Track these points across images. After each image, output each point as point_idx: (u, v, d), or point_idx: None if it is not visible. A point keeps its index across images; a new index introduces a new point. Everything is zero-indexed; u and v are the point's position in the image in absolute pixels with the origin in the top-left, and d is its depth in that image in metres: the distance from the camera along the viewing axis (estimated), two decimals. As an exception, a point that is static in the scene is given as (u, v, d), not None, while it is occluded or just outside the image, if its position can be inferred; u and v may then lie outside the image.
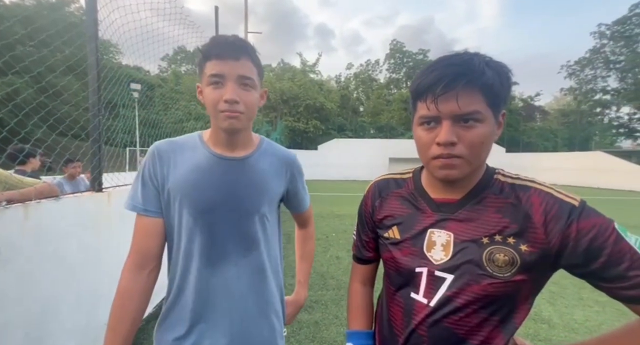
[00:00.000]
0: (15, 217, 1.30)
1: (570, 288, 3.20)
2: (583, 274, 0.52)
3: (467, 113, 0.53)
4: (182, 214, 0.76)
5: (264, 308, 0.84)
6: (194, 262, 0.77)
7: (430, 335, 0.60)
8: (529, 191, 0.57)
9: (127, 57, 2.48)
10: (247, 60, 0.73)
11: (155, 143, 0.80)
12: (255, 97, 0.77)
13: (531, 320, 2.55)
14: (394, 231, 0.67)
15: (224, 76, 0.71)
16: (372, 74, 40.22)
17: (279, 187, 0.87)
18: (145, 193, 0.76)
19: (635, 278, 0.47)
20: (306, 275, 1.07)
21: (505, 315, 0.57)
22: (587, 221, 0.51)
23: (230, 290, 0.79)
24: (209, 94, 0.73)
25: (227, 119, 0.73)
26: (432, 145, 0.56)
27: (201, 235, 0.76)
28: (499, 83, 0.54)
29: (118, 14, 2.03)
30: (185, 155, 0.79)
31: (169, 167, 0.77)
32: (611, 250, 0.49)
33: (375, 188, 0.75)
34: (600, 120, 32.22)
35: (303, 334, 2.27)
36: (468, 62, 0.53)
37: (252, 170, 0.82)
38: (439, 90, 0.53)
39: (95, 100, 1.75)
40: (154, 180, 0.77)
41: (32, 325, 1.37)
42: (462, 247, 0.58)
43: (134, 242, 0.77)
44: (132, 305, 0.75)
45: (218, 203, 0.77)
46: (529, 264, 0.53)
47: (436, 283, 0.60)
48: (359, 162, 21.37)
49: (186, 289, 0.78)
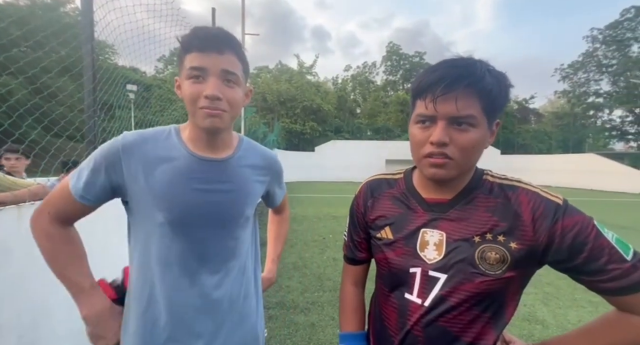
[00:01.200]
0: (9, 219, 1.29)
1: (565, 289, 3.23)
2: (566, 269, 0.55)
3: (462, 116, 0.54)
4: (156, 218, 0.69)
5: (247, 313, 0.82)
6: (169, 271, 0.70)
7: (425, 335, 0.61)
8: (517, 191, 0.59)
9: (123, 58, 2.47)
10: (232, 55, 0.67)
11: (124, 133, 0.72)
12: (240, 94, 0.71)
13: (525, 320, 2.57)
14: (387, 231, 0.68)
15: (205, 70, 0.65)
16: (369, 76, 40.41)
17: (260, 188, 0.85)
18: (91, 180, 0.68)
19: (612, 271, 0.51)
20: (279, 253, 1.09)
21: (496, 311, 0.59)
22: (570, 219, 0.54)
23: (210, 301, 0.73)
24: (187, 88, 0.66)
25: (208, 117, 0.66)
26: (426, 143, 0.58)
27: (178, 242, 0.70)
28: (497, 90, 0.55)
29: (114, 15, 2.02)
30: (159, 152, 0.71)
31: (138, 164, 0.68)
32: (592, 245, 0.52)
33: (367, 188, 0.75)
34: (594, 123, 32.67)
35: (299, 336, 2.26)
36: (470, 65, 0.54)
37: (234, 172, 0.76)
38: (439, 91, 0.54)
39: (90, 101, 1.75)
40: (112, 173, 0.68)
41: (26, 329, 1.35)
42: (455, 246, 0.59)
43: (54, 206, 0.70)
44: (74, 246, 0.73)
45: (199, 208, 0.71)
46: (518, 261, 0.56)
47: (430, 283, 0.61)
48: (355, 163, 21.41)
49: (158, 301, 0.71)
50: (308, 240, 4.97)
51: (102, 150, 0.69)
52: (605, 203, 11.84)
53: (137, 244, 0.73)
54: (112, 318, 0.73)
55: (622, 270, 0.50)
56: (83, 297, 0.70)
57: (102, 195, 0.70)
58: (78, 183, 0.68)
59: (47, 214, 0.69)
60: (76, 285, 0.70)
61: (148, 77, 20.67)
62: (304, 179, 19.56)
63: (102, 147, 0.70)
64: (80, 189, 0.68)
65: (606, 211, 9.35)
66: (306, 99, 28.07)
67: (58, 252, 0.70)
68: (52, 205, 0.70)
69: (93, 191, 0.69)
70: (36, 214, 0.70)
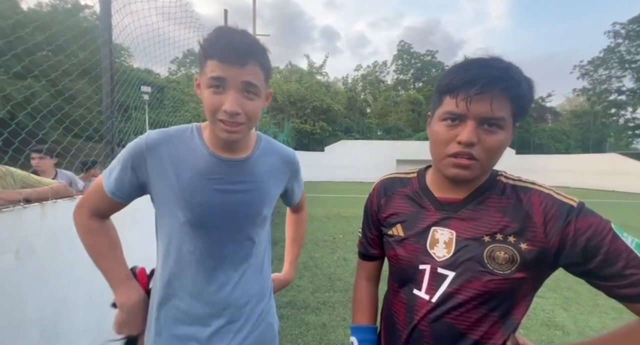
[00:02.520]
0: (33, 216, 1.34)
1: (586, 294, 3.11)
2: (581, 273, 0.54)
3: (495, 118, 0.54)
4: (177, 216, 0.71)
5: (265, 311, 0.83)
6: (188, 268, 0.73)
7: (431, 331, 0.61)
8: (530, 192, 0.59)
9: (138, 60, 2.53)
10: (254, 65, 0.66)
11: (148, 132, 0.74)
12: (259, 104, 0.70)
13: (544, 325, 2.49)
14: (398, 229, 0.69)
15: (225, 81, 0.64)
16: (380, 75, 40.10)
17: (278, 187, 0.85)
18: (121, 178, 0.72)
19: (631, 276, 0.49)
20: (296, 256, 1.09)
21: (505, 312, 0.59)
22: (584, 221, 0.52)
23: (227, 299, 0.75)
24: (207, 98, 0.66)
25: (225, 132, 0.67)
26: (452, 142, 0.57)
27: (198, 241, 0.72)
28: (529, 96, 0.56)
29: (130, 18, 2.07)
30: (181, 151, 0.72)
31: (161, 162, 0.70)
32: (608, 249, 0.50)
33: (381, 187, 0.77)
34: (615, 122, 31.29)
35: (310, 336, 2.26)
36: (507, 69, 0.54)
37: (252, 172, 0.77)
38: (475, 90, 0.53)
39: (108, 102, 1.80)
40: (138, 170, 0.71)
41: (48, 323, 1.40)
42: (464, 244, 0.60)
43: (92, 203, 0.75)
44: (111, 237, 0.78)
45: (218, 208, 0.72)
46: (529, 262, 0.55)
47: (438, 280, 0.61)
48: (365, 163, 21.27)
49: (179, 295, 0.74)
50: (318, 240, 4.97)
51: (129, 149, 0.72)
52: (628, 205, 11.31)
53: (162, 239, 0.76)
54: (142, 309, 0.77)
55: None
56: (121, 286, 0.75)
57: (132, 191, 0.74)
58: (109, 181, 0.72)
59: (86, 210, 0.75)
60: (115, 275, 0.75)
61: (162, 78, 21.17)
62: (313, 179, 19.58)
63: (128, 146, 0.73)
64: (112, 187, 0.72)
65: (630, 214, 8.91)
66: (316, 99, 28.09)
67: (99, 244, 0.76)
68: (89, 202, 0.75)
69: (123, 188, 0.72)
70: (77, 209, 0.76)
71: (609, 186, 18.40)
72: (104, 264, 0.75)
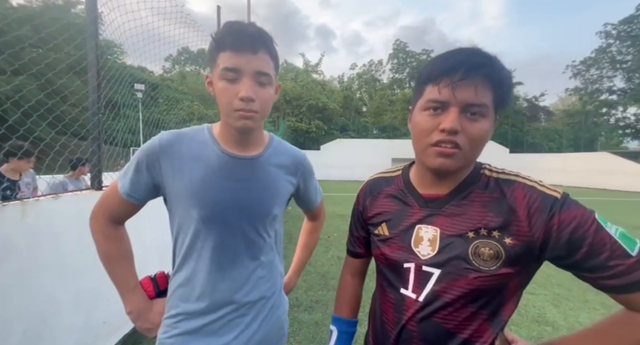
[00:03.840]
0: (12, 215, 1.30)
1: (576, 290, 3.15)
2: (567, 266, 0.53)
3: (479, 104, 0.53)
4: (190, 214, 0.72)
5: (275, 307, 0.85)
6: (202, 266, 0.74)
7: (419, 331, 0.60)
8: (513, 185, 0.58)
9: (131, 57, 2.49)
10: (265, 54, 0.67)
11: (161, 133, 0.75)
12: (271, 93, 0.72)
13: (535, 322, 2.51)
14: (383, 228, 0.68)
15: (240, 71, 0.65)
16: (375, 74, 40.13)
17: (289, 187, 0.85)
18: (136, 179, 0.72)
19: (615, 267, 0.48)
20: (303, 264, 1.08)
21: (493, 309, 0.58)
22: (568, 213, 0.52)
23: (239, 296, 0.76)
24: (222, 89, 0.67)
25: (241, 119, 0.68)
26: (434, 131, 0.56)
27: (211, 238, 0.73)
28: (508, 83, 0.55)
29: (119, 12, 2.03)
30: (193, 151, 0.73)
31: (174, 162, 0.72)
32: (592, 240, 0.49)
33: (367, 187, 0.77)
34: (606, 121, 31.77)
35: (303, 334, 2.25)
36: (488, 56, 0.53)
37: (263, 170, 0.78)
38: (459, 75, 0.52)
39: (95, 98, 1.75)
40: (152, 171, 0.72)
41: (32, 323, 1.37)
42: (448, 242, 0.59)
43: (108, 207, 0.75)
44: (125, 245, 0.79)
45: (229, 205, 0.73)
46: (514, 257, 0.54)
47: (424, 278, 0.60)
48: (361, 162, 21.31)
49: (201, 293, 0.74)
50: (313, 239, 4.96)
51: (143, 150, 0.73)
52: (619, 203, 11.53)
53: (177, 238, 0.77)
54: (152, 313, 0.79)
55: (625, 267, 0.47)
56: (128, 295, 0.77)
57: (147, 192, 0.74)
58: (124, 183, 0.73)
59: (102, 215, 0.75)
60: (123, 284, 0.77)
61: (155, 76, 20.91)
62: (309, 178, 19.52)
63: (142, 148, 0.73)
64: (127, 188, 0.72)
65: (620, 211, 9.09)
66: (312, 97, 28.03)
67: (113, 251, 0.76)
68: (105, 206, 0.75)
69: (138, 189, 0.73)
70: (93, 215, 0.76)
71: (600, 184, 18.71)
72: (115, 271, 0.76)
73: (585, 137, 29.98)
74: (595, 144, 30.24)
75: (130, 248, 0.80)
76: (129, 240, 0.80)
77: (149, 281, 0.82)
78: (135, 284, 0.79)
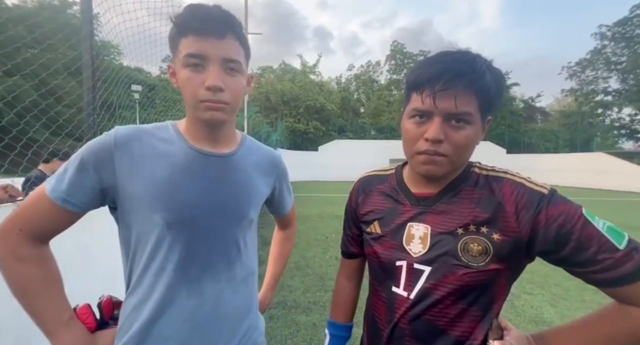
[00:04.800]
0: (4, 217, 1.28)
1: (573, 290, 3.16)
2: (557, 261, 0.53)
3: (460, 113, 0.53)
4: (153, 220, 0.61)
5: (253, 327, 0.76)
6: (165, 280, 0.62)
7: (411, 329, 0.61)
8: (502, 182, 0.58)
9: (127, 58, 2.47)
10: (233, 39, 0.61)
11: (116, 127, 0.63)
12: (242, 83, 0.65)
13: (532, 322, 2.52)
14: (375, 226, 0.69)
15: (205, 57, 0.58)
16: (373, 75, 40.25)
17: (265, 189, 0.78)
18: (78, 180, 0.58)
19: (603, 261, 0.48)
20: (277, 278, 0.98)
21: (483, 305, 0.58)
22: (555, 208, 0.52)
23: (212, 313, 0.66)
24: (186, 79, 0.59)
25: (209, 110, 0.61)
26: (420, 139, 0.57)
27: (178, 247, 0.62)
28: (494, 89, 0.55)
29: (115, 13, 2.02)
30: (156, 147, 0.64)
31: (132, 161, 0.61)
32: (579, 235, 0.50)
33: (360, 185, 0.77)
34: (602, 122, 31.99)
35: (300, 336, 2.24)
36: (471, 61, 0.53)
37: (237, 169, 0.70)
38: (439, 86, 0.52)
39: (90, 99, 1.74)
40: (102, 171, 0.60)
41: (24, 327, 1.34)
42: (439, 239, 0.59)
43: (28, 220, 0.58)
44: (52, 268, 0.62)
45: (200, 207, 0.64)
46: (502, 253, 0.55)
47: (415, 275, 0.60)
48: (359, 163, 21.26)
49: (162, 315, 0.62)
50: (311, 240, 4.95)
51: (91, 147, 0.60)
52: (614, 203, 11.61)
53: (132, 252, 0.65)
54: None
55: (613, 260, 0.48)
56: (61, 332, 0.59)
57: (90, 198, 0.61)
58: (59, 185, 0.58)
59: (19, 232, 0.58)
60: (54, 320, 0.60)
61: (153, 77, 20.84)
62: (307, 179, 19.55)
63: (90, 144, 0.61)
64: (63, 192, 0.58)
65: (616, 211, 9.16)
66: (309, 98, 28.04)
67: (31, 279, 0.59)
68: (24, 220, 0.58)
69: (80, 193, 0.59)
70: (0, 234, 0.58)
71: (596, 184, 18.83)
72: (38, 303, 0.59)
73: (581, 137, 30.20)
74: (591, 145, 30.47)
75: (58, 271, 0.63)
76: (54, 262, 0.63)
77: (87, 310, 0.66)
78: (70, 316, 0.62)
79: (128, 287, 0.67)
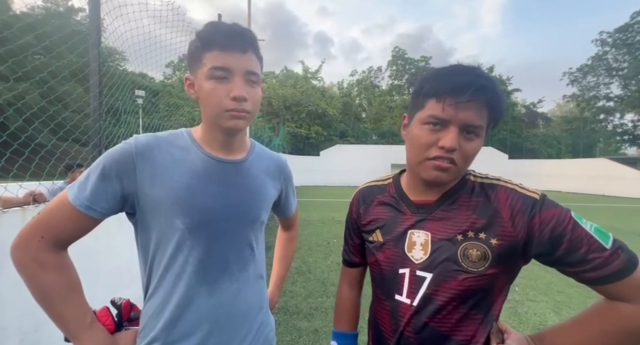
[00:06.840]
0: (13, 221, 1.30)
1: (576, 297, 3.12)
2: (551, 262, 0.55)
3: (476, 126, 0.56)
4: (173, 224, 0.65)
5: (265, 323, 0.80)
6: (186, 281, 0.66)
7: (417, 337, 0.62)
8: (496, 189, 0.61)
9: (132, 64, 2.52)
10: (253, 53, 0.67)
11: (135, 136, 0.66)
12: (260, 93, 0.71)
13: (536, 329, 2.47)
14: (377, 235, 0.70)
15: (230, 70, 0.63)
16: (375, 80, 40.52)
17: (274, 192, 0.84)
18: (101, 188, 0.61)
19: (593, 260, 0.51)
20: (283, 277, 1.05)
21: (484, 308, 0.60)
22: (547, 212, 0.55)
23: (230, 311, 0.70)
24: (211, 89, 0.63)
25: (233, 119, 0.65)
26: (433, 146, 0.58)
27: (198, 249, 0.66)
28: (504, 107, 0.59)
29: (121, 21, 2.07)
30: (174, 155, 0.67)
31: (154, 168, 0.64)
32: (570, 236, 0.52)
33: (360, 196, 0.79)
34: (604, 127, 31.97)
35: (302, 342, 2.22)
36: (491, 79, 0.57)
37: (249, 174, 0.75)
38: (466, 96, 0.54)
39: (96, 105, 1.77)
40: (124, 179, 0.62)
41: (28, 332, 1.35)
42: (439, 245, 0.61)
43: (50, 227, 0.60)
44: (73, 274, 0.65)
45: (217, 211, 0.68)
46: (500, 257, 0.57)
47: (417, 282, 0.62)
48: (361, 168, 21.32)
49: (184, 314, 0.66)
50: (312, 245, 4.94)
51: (113, 155, 0.63)
52: (617, 209, 11.51)
53: (155, 256, 0.67)
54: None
55: (602, 259, 0.50)
56: (86, 335, 0.62)
57: (112, 204, 0.63)
58: (82, 193, 0.61)
59: (41, 239, 0.59)
60: (78, 323, 0.62)
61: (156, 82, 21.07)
62: (309, 184, 19.56)
63: (111, 152, 0.64)
64: (86, 199, 0.60)
65: (619, 217, 9.06)
66: (311, 103, 28.19)
67: (54, 285, 0.61)
68: (46, 227, 0.60)
69: (102, 200, 0.61)
70: (22, 241, 0.60)
71: (599, 190, 18.71)
72: (63, 309, 0.61)
73: (583, 143, 30.09)
74: (594, 150, 30.36)
75: (77, 276, 0.66)
76: (74, 268, 0.66)
77: (106, 312, 0.69)
78: (92, 319, 0.65)
79: (147, 289, 0.69)
